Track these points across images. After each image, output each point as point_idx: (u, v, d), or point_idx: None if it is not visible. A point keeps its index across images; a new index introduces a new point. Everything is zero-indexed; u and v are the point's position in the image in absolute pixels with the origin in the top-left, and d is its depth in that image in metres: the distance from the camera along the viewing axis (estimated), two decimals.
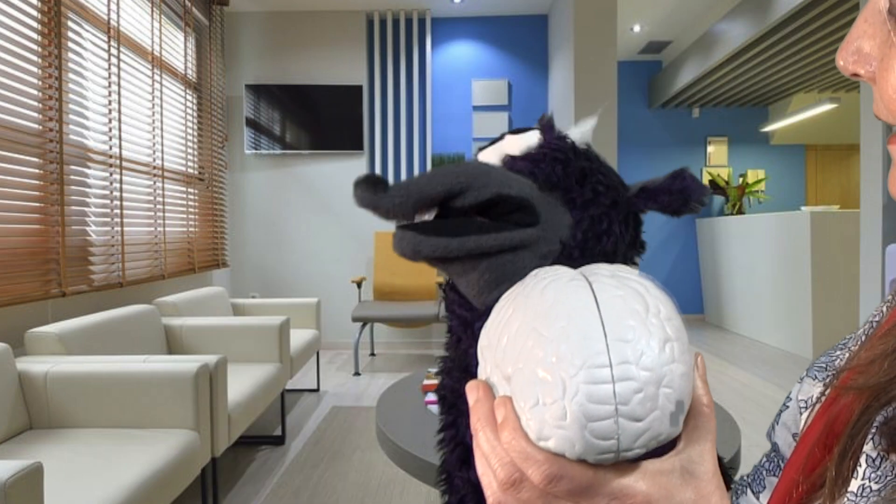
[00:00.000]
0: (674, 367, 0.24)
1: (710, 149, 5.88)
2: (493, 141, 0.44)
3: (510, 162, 0.42)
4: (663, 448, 0.26)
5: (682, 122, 5.89)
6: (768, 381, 3.47)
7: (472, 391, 0.28)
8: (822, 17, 3.48)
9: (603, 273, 0.27)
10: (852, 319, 3.81)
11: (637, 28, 4.85)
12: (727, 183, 5.67)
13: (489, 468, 0.26)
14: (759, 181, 5.66)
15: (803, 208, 4.44)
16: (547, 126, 0.42)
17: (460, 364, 0.45)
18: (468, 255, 0.36)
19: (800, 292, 4.08)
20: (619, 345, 0.24)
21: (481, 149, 0.44)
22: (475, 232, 0.35)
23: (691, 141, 5.89)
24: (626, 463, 0.24)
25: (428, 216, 0.37)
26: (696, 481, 0.25)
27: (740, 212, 5.59)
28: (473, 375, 0.44)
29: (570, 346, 0.24)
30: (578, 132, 0.42)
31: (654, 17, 4.63)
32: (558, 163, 0.40)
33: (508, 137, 0.42)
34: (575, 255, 0.39)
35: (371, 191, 0.34)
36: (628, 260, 0.42)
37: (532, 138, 0.41)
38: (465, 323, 0.42)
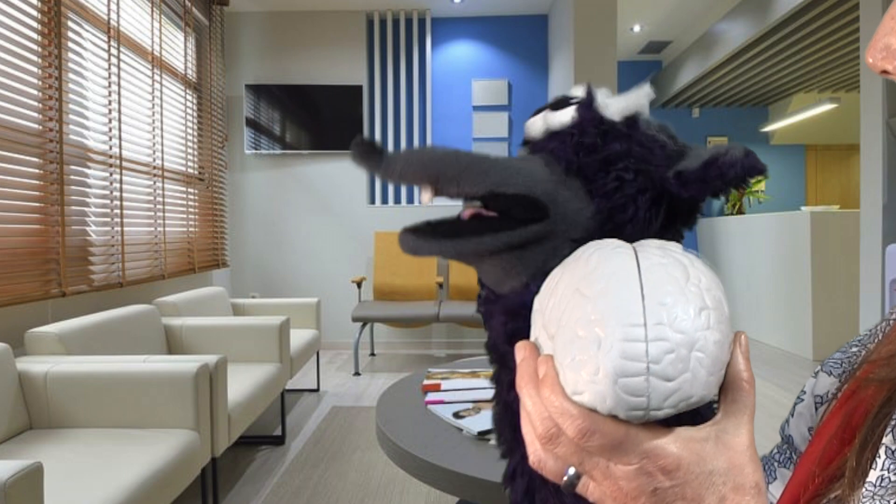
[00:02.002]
0: (708, 333, 0.24)
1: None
2: (544, 107, 0.43)
3: (544, 139, 0.41)
4: (701, 417, 0.26)
5: (682, 122, 5.89)
6: (768, 380, 3.47)
7: (519, 351, 0.29)
8: (822, 17, 3.48)
9: (650, 244, 0.28)
10: (852, 319, 3.81)
11: (637, 28, 4.85)
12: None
13: (531, 424, 0.27)
14: (759, 181, 5.66)
15: (803, 208, 4.44)
16: (585, 102, 0.40)
17: (489, 342, 0.45)
18: (470, 255, 0.36)
19: (800, 292, 4.08)
20: (656, 307, 0.24)
21: (535, 113, 0.43)
22: (474, 233, 0.35)
23: (691, 141, 5.77)
24: (659, 426, 0.25)
25: (427, 193, 0.38)
26: (729, 452, 0.25)
27: (740, 212, 5.59)
28: (501, 354, 0.44)
29: (608, 306, 0.25)
30: (619, 104, 0.40)
31: (654, 17, 4.63)
32: (582, 148, 0.38)
33: (547, 113, 0.41)
34: None
35: (365, 159, 0.36)
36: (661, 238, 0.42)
37: (566, 115, 0.40)
38: (488, 302, 0.42)
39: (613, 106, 0.40)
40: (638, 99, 0.40)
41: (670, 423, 0.26)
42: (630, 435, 0.24)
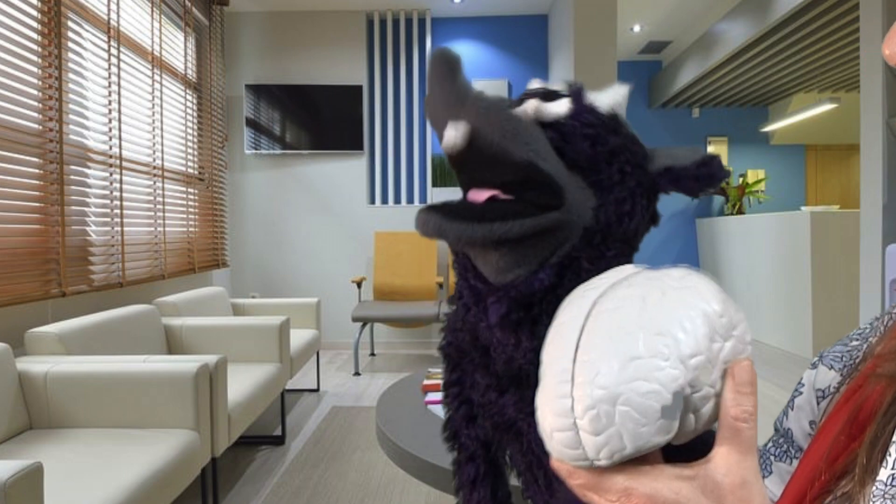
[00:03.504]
0: (635, 385, 0.24)
1: (710, 149, 5.88)
2: (518, 100, 0.40)
3: None
4: (695, 453, 0.26)
5: (682, 122, 5.88)
6: (768, 380, 3.47)
7: None
8: (822, 17, 3.48)
9: (637, 279, 0.28)
10: (852, 319, 3.81)
11: (637, 28, 4.85)
12: (727, 183, 5.67)
13: None
14: (759, 181, 5.66)
15: (803, 208, 4.44)
16: (577, 94, 0.39)
17: (471, 333, 0.44)
18: (494, 241, 0.35)
19: (800, 292, 4.07)
20: (582, 363, 0.25)
21: (512, 104, 0.42)
22: (500, 218, 0.35)
23: (691, 141, 5.88)
24: (640, 464, 0.25)
25: (458, 129, 0.36)
26: (719, 490, 0.24)
27: (740, 212, 5.59)
28: (482, 344, 0.43)
29: (549, 359, 0.27)
30: (609, 99, 0.39)
31: (654, 17, 4.63)
32: (588, 140, 0.37)
33: (535, 102, 0.39)
34: (596, 241, 0.37)
35: (444, 71, 0.35)
36: (640, 235, 0.41)
37: (562, 107, 0.38)
38: (478, 295, 0.41)
39: (601, 100, 0.39)
40: (619, 95, 0.40)
41: (682, 452, 0.26)
42: (606, 476, 0.25)
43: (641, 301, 0.26)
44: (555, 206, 0.36)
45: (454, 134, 0.36)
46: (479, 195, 0.37)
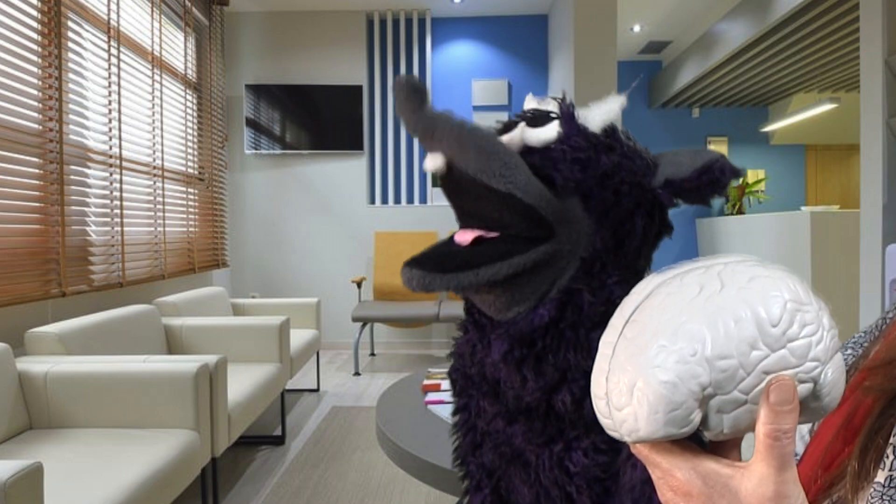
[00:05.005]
0: (656, 371, 0.24)
1: (710, 149, 5.87)
2: (508, 125, 0.40)
3: (526, 157, 0.38)
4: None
5: (682, 122, 5.88)
6: None
7: None
8: (822, 17, 3.48)
9: (716, 269, 0.27)
10: (852, 320, 3.81)
11: (637, 28, 4.85)
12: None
13: None
14: (759, 181, 5.66)
15: (803, 208, 4.44)
16: (567, 116, 0.38)
17: (479, 367, 0.44)
18: (485, 286, 0.35)
19: None
20: (624, 337, 0.26)
21: (503, 128, 0.41)
22: (485, 262, 0.34)
23: (691, 141, 5.88)
24: (684, 449, 0.26)
25: (435, 159, 0.36)
26: (750, 499, 0.24)
27: (740, 212, 5.59)
28: (491, 378, 0.43)
29: (608, 327, 0.27)
30: (601, 115, 0.38)
31: (654, 17, 4.63)
32: (578, 164, 0.36)
33: (525, 129, 0.38)
34: (596, 270, 0.36)
35: (408, 99, 0.34)
36: (645, 255, 0.40)
37: (550, 132, 0.37)
38: (482, 331, 0.40)
39: (593, 118, 0.38)
40: (613, 108, 0.39)
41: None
42: (653, 452, 0.26)
43: (697, 291, 0.25)
44: (543, 238, 0.35)
45: (432, 164, 0.36)
46: (465, 236, 0.36)
